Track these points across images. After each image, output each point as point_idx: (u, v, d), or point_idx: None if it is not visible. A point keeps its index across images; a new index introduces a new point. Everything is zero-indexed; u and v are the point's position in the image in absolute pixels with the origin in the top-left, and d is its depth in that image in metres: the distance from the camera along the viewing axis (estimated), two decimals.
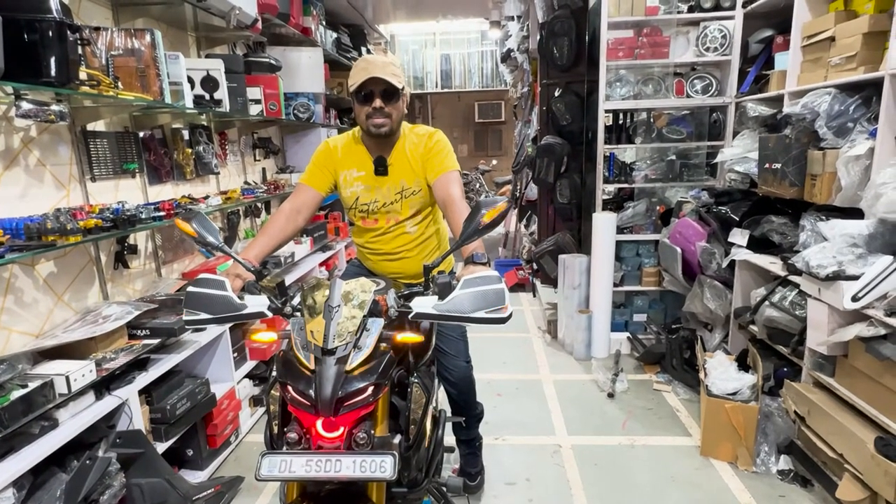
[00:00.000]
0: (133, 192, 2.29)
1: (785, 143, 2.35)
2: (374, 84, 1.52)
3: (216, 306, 1.17)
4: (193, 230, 1.25)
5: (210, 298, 1.18)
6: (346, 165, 1.69)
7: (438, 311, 1.11)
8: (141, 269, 2.34)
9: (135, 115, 2.27)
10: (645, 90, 3.19)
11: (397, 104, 1.58)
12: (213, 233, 1.28)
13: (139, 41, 1.92)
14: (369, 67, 1.51)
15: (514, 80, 5.81)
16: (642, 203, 3.28)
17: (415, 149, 1.67)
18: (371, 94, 1.53)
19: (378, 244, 1.78)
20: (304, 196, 1.67)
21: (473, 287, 1.10)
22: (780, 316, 2.29)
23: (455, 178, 1.65)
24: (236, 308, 1.18)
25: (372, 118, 1.56)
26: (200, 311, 1.17)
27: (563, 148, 3.60)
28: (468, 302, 1.09)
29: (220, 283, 1.20)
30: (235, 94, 2.67)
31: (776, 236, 2.51)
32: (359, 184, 1.69)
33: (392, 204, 1.70)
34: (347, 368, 1.06)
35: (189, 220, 1.26)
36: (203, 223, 1.27)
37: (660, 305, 3.48)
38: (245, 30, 2.70)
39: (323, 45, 3.94)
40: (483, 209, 1.17)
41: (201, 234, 1.25)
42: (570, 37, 3.50)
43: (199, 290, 1.20)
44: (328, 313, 1.10)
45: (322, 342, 1.07)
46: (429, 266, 1.23)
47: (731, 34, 3.00)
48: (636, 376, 3.10)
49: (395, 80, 1.52)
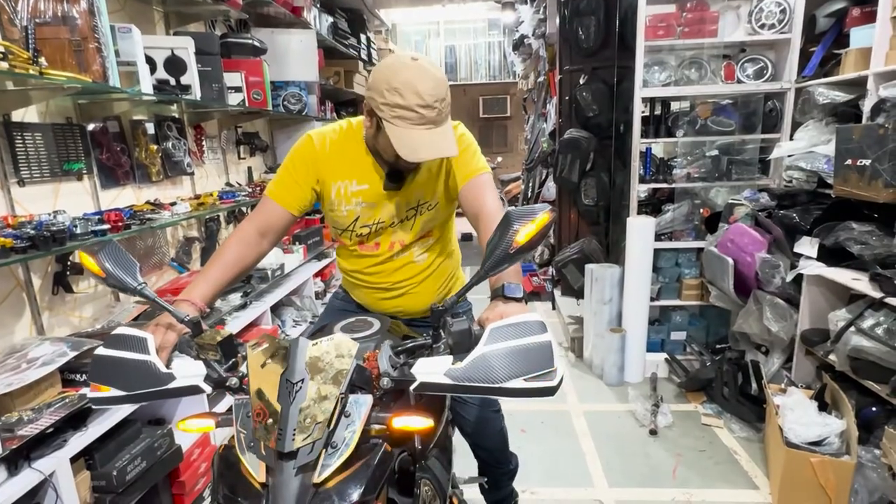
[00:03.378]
0: (79, 197, 1.87)
1: (877, 135, 1.92)
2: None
3: (131, 378, 0.86)
4: (100, 268, 0.90)
5: (123, 366, 0.86)
6: (340, 174, 1.23)
7: (454, 379, 0.76)
8: (91, 293, 1.92)
9: (80, 103, 1.85)
10: (688, 75, 2.76)
11: None
12: (130, 269, 0.92)
13: (73, 6, 1.50)
14: (427, 116, 1.06)
15: (527, 70, 5.38)
16: (684, 205, 2.85)
17: None
18: None
19: (376, 276, 1.34)
20: (270, 215, 1.23)
21: (505, 340, 0.76)
22: (873, 346, 1.86)
23: (487, 182, 1.22)
24: (159, 380, 0.86)
25: (406, 162, 1.10)
26: (109, 385, 0.86)
27: (589, 143, 3.18)
28: (499, 363, 0.74)
29: (139, 341, 0.88)
30: (209, 79, 2.25)
31: (855, 246, 2.07)
32: (359, 200, 1.24)
33: (401, 223, 1.28)
34: (316, 480, 0.73)
35: (95, 254, 0.92)
36: (117, 257, 0.93)
37: (701, 322, 3.06)
38: (221, 3, 2.27)
39: (317, 29, 3.51)
40: (515, 224, 0.79)
41: (112, 272, 0.91)
42: (597, 16, 3.07)
43: (111, 352, 0.88)
44: (286, 394, 0.74)
45: (276, 442, 0.72)
46: (439, 309, 0.86)
47: (791, 7, 2.56)
48: (679, 406, 2.68)
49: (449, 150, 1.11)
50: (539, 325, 0.77)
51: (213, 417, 0.86)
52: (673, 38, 2.67)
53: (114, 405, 0.93)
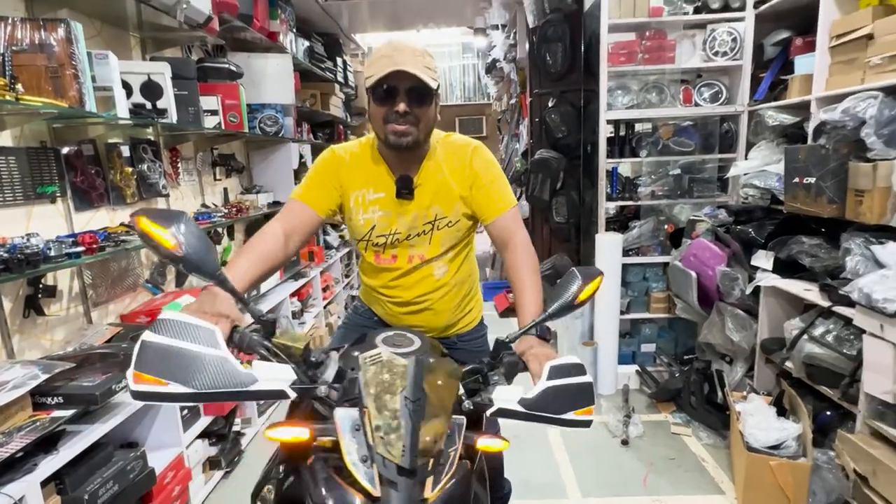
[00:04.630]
0: (53, 220, 1.87)
1: (820, 155, 2.06)
2: (400, 79, 1.12)
3: (198, 373, 0.75)
4: (175, 243, 0.81)
5: (187, 359, 0.75)
6: (359, 183, 1.28)
7: (526, 407, 0.87)
8: (63, 315, 1.91)
9: (55, 127, 1.87)
10: (649, 98, 2.91)
11: (428, 109, 1.18)
12: (208, 250, 0.84)
13: (51, 34, 1.53)
14: (395, 56, 1.11)
15: (500, 93, 5.55)
16: (649, 222, 2.98)
17: (453, 166, 1.28)
18: (394, 91, 1.14)
19: (396, 290, 1.36)
20: (299, 216, 1.25)
21: (562, 379, 0.88)
22: (825, 353, 1.97)
23: (516, 215, 1.28)
24: (238, 380, 0.76)
25: (392, 123, 1.16)
26: (167, 378, 0.74)
27: (558, 162, 3.30)
28: (559, 397, 0.87)
29: (205, 333, 0.77)
30: (186, 103, 2.29)
31: (807, 259, 2.21)
32: (376, 209, 1.28)
33: (418, 237, 1.30)
34: (428, 496, 0.77)
35: (167, 223, 0.82)
36: (193, 232, 0.83)
37: (669, 334, 3.17)
38: (198, 29, 2.32)
39: (294, 53, 3.59)
40: (580, 281, 0.95)
41: (192, 252, 0.82)
42: (564, 42, 3.22)
43: (167, 341, 0.75)
44: (407, 412, 0.78)
45: (401, 457, 0.75)
46: (504, 341, 0.96)
47: (741, 37, 2.74)
48: (650, 416, 2.76)
49: (428, 77, 1.13)
50: (583, 367, 0.91)
51: (305, 426, 0.84)
52: (634, 64, 2.83)
53: (170, 402, 0.74)
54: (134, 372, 0.74)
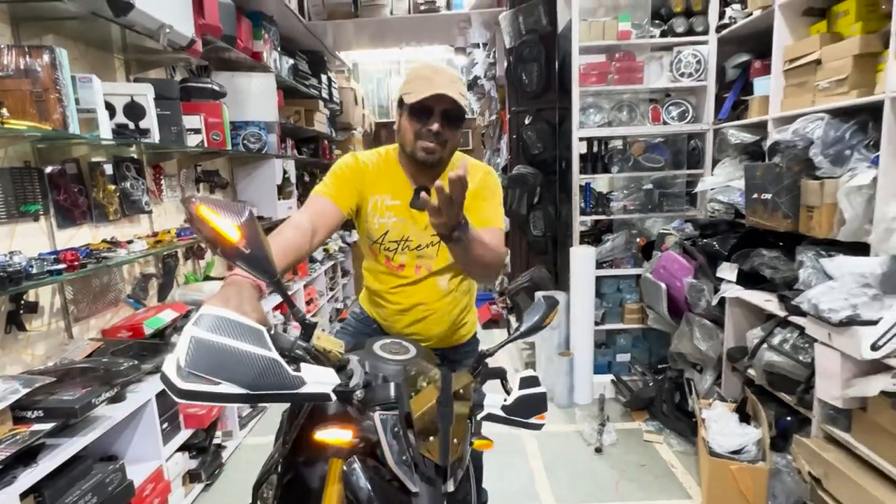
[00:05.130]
0: (36, 238, 1.92)
1: (775, 173, 2.18)
2: (437, 101, 1.21)
3: (250, 374, 0.72)
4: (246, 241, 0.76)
5: (239, 359, 0.71)
6: (378, 188, 1.35)
7: (506, 413, 1.03)
8: (45, 330, 1.95)
9: (39, 148, 1.92)
10: (619, 117, 3.03)
11: (457, 131, 1.28)
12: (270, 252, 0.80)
13: (36, 60, 1.60)
14: (435, 79, 1.21)
15: (482, 108, 5.67)
16: (622, 235, 3.08)
17: (470, 178, 1.33)
18: (430, 111, 1.23)
19: (399, 296, 1.41)
20: (325, 211, 1.27)
21: (529, 389, 1.04)
22: (782, 361, 2.07)
23: (499, 235, 1.32)
24: (289, 383, 0.75)
25: (424, 140, 1.25)
26: (221, 378, 0.70)
27: (535, 178, 3.40)
28: (525, 406, 1.03)
29: (253, 333, 0.74)
30: (168, 122, 2.35)
31: (767, 271, 2.32)
32: (391, 214, 1.35)
33: (427, 248, 1.36)
34: (451, 489, 0.91)
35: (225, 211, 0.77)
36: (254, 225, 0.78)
37: (644, 344, 3.26)
38: (181, 52, 2.40)
39: (278, 71, 3.67)
40: (544, 307, 1.10)
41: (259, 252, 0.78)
42: (539, 62, 3.33)
43: (220, 340, 0.72)
44: (442, 416, 0.89)
45: (440, 457, 0.88)
46: (485, 354, 1.07)
47: (705, 59, 2.88)
48: (624, 425, 2.84)
49: (463, 102, 1.23)
50: (538, 379, 1.06)
51: (350, 429, 0.90)
52: (605, 84, 2.95)
53: (218, 402, 0.71)
54: (183, 369, 0.68)
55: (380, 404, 0.89)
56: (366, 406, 0.86)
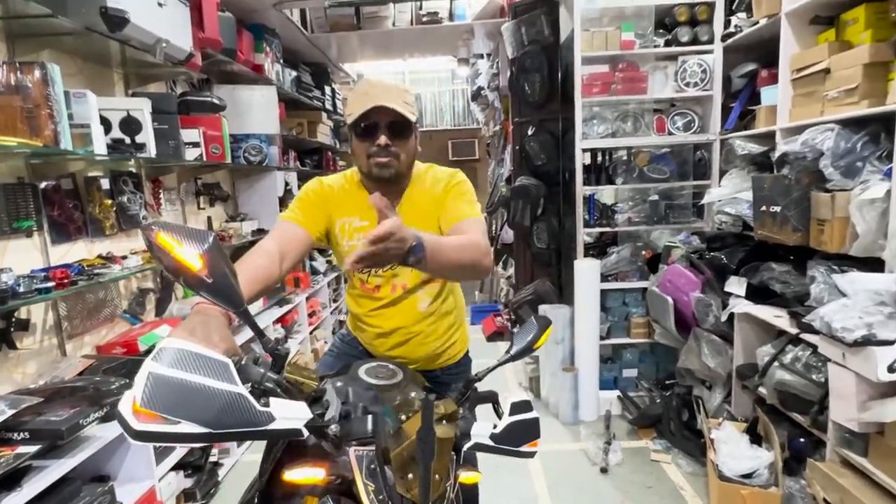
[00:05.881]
0: (28, 254, 1.90)
1: (784, 185, 2.12)
2: (380, 115, 1.18)
3: (213, 411, 0.67)
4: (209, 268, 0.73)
5: (201, 395, 0.67)
6: (344, 211, 1.32)
7: (495, 441, 0.96)
8: (37, 348, 1.92)
9: (33, 163, 1.91)
10: (623, 127, 2.98)
11: (408, 141, 1.24)
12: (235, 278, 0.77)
13: (27, 76, 1.58)
14: (372, 93, 1.19)
15: (486, 119, 5.64)
16: (627, 248, 3.02)
17: (434, 194, 1.31)
18: (375, 127, 1.20)
19: (378, 319, 1.37)
20: (292, 236, 1.24)
21: (520, 414, 0.98)
22: (794, 380, 1.99)
23: (476, 225, 1.26)
24: (256, 419, 0.70)
25: (375, 157, 1.22)
26: (181, 417, 0.65)
27: (538, 189, 3.35)
28: (516, 433, 0.97)
29: (217, 366, 0.70)
30: (166, 136, 2.34)
31: (778, 285, 2.24)
32: (360, 237, 1.31)
33: (401, 265, 1.33)
34: None
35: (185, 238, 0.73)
36: (217, 252, 0.75)
37: (650, 359, 3.18)
38: (180, 66, 2.39)
39: (281, 83, 3.67)
40: (536, 329, 1.05)
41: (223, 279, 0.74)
42: (541, 73, 3.29)
43: (180, 375, 0.67)
44: (421, 451, 0.79)
45: (420, 497, 0.79)
46: (474, 378, 1.03)
47: (710, 69, 2.83)
48: (631, 443, 2.75)
49: (406, 111, 1.20)
50: (531, 404, 1.01)
51: (321, 467, 0.85)
52: (608, 94, 2.90)
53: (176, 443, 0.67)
54: (137, 408, 0.63)
55: (357, 439, 0.85)
56: (342, 441, 0.81)
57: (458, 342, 1.48)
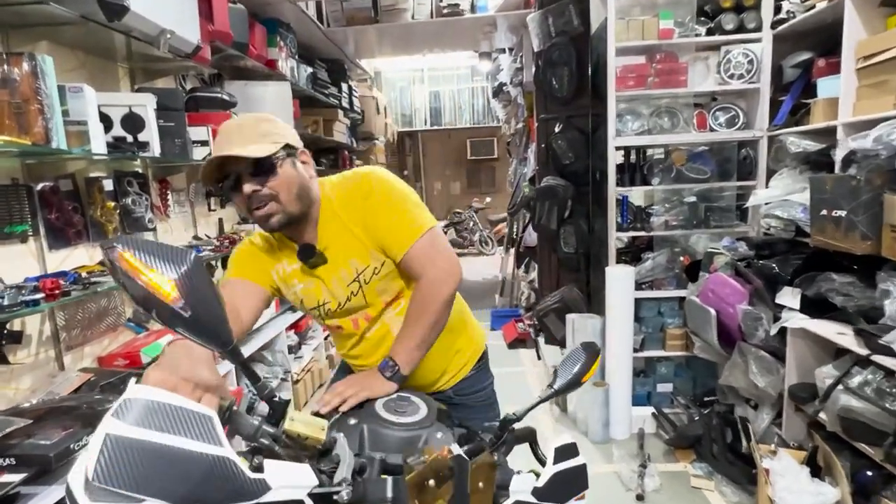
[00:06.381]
0: (23, 261, 1.77)
1: (851, 186, 1.88)
2: (235, 163, 1.02)
3: (193, 482, 0.54)
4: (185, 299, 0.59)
5: (177, 462, 0.53)
6: (275, 259, 1.20)
7: (538, 498, 0.84)
8: (32, 361, 1.80)
9: (28, 164, 1.78)
10: (660, 124, 2.76)
11: (282, 176, 1.04)
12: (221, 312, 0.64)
13: (14, 68, 1.45)
14: (221, 145, 1.02)
15: (508, 116, 5.45)
16: (663, 254, 2.80)
17: (350, 213, 1.13)
18: (237, 178, 1.03)
19: (359, 358, 1.24)
20: (238, 290, 1.14)
21: (564, 462, 0.86)
22: (864, 407, 1.76)
23: (431, 243, 1.11)
24: (246, 490, 0.57)
25: (254, 211, 1.05)
26: (146, 493, 0.51)
27: (566, 190, 3.15)
28: (560, 485, 0.85)
29: (197, 418, 0.56)
30: (172, 134, 2.20)
31: (839, 298, 2.01)
32: (296, 281, 1.18)
33: (350, 300, 1.16)
34: None
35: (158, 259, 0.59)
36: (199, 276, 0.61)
37: (687, 373, 2.95)
38: (187, 59, 2.25)
39: (296, 80, 3.53)
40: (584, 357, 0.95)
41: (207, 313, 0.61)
42: (570, 66, 3.09)
43: (145, 437, 0.53)
44: None
45: None
46: (510, 419, 0.90)
47: (758, 59, 2.59)
48: (668, 466, 2.54)
49: (257, 150, 1.00)
50: (577, 447, 0.89)
51: None
52: (644, 88, 2.69)
53: None
54: (91, 481, 0.50)
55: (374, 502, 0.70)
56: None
57: (464, 350, 1.30)
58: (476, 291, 6.83)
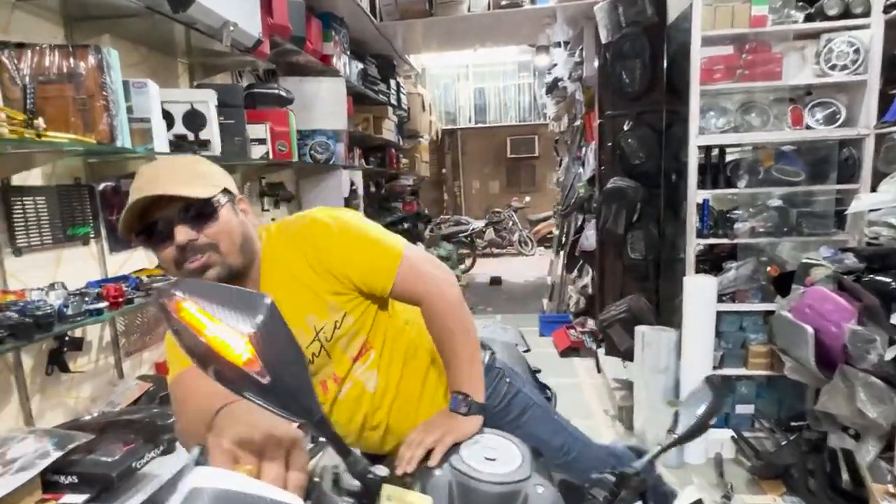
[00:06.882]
0: (85, 263, 1.71)
1: None
2: (165, 207, 0.84)
3: None
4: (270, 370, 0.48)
5: None
6: None
7: None
8: (92, 369, 1.73)
9: (91, 163, 1.71)
10: (748, 120, 2.51)
11: (223, 222, 0.88)
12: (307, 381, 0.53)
13: (80, 62, 1.36)
14: (145, 187, 0.83)
15: (559, 113, 5.22)
16: (749, 263, 2.55)
17: (299, 262, 0.95)
18: (167, 224, 0.85)
19: (339, 424, 1.04)
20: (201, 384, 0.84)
21: None
22: None
23: (414, 264, 0.97)
24: None
25: (186, 264, 0.86)
26: None
27: (636, 192, 2.93)
28: None
29: None
30: (232, 132, 2.11)
31: None
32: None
33: (314, 361, 0.98)
34: None
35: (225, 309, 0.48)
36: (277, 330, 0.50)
37: (770, 394, 2.70)
38: (247, 54, 2.16)
39: (347, 75, 3.43)
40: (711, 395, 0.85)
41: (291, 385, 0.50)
42: (642, 58, 2.87)
43: None
44: None
45: None
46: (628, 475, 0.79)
47: (866, 47, 2.31)
48: (754, 499, 2.31)
49: (198, 188, 0.85)
50: None
51: None
52: (731, 81, 2.45)
53: None
54: None
55: None
56: None
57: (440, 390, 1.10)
58: (518, 293, 6.64)
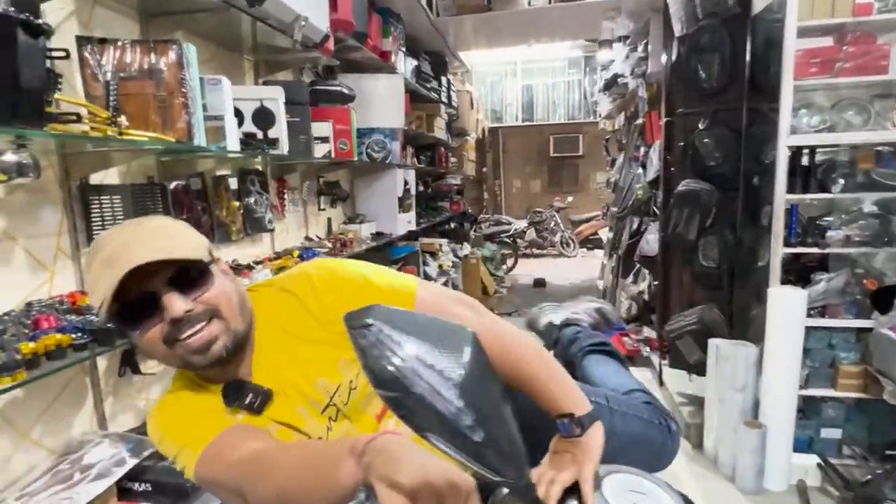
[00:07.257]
0: None
1: None
2: (144, 280, 0.71)
3: None
4: (448, 406, 0.41)
5: None
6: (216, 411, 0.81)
7: None
8: (161, 370, 1.70)
9: (164, 161, 1.68)
10: (846, 118, 2.30)
11: (216, 286, 0.77)
12: (508, 418, 0.45)
13: (161, 58, 1.32)
14: (117, 258, 0.70)
15: (614, 111, 5.02)
16: (843, 275, 2.33)
17: (295, 320, 0.83)
18: (152, 298, 0.72)
19: None
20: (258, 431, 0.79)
21: None
22: None
23: (436, 294, 0.86)
24: None
25: (184, 343, 0.74)
26: None
27: (710, 196, 2.74)
28: None
29: None
30: (297, 130, 2.06)
31: None
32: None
33: (332, 428, 0.84)
34: None
35: (426, 347, 0.41)
36: (484, 375, 0.42)
37: (861, 419, 2.47)
38: (314, 50, 2.10)
39: (403, 73, 3.35)
40: None
41: (484, 425, 0.41)
42: (721, 52, 2.67)
43: None
44: None
45: None
46: None
47: None
48: None
49: (184, 252, 0.73)
50: None
51: None
52: (829, 75, 2.23)
53: None
54: None
55: None
56: None
57: None
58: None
